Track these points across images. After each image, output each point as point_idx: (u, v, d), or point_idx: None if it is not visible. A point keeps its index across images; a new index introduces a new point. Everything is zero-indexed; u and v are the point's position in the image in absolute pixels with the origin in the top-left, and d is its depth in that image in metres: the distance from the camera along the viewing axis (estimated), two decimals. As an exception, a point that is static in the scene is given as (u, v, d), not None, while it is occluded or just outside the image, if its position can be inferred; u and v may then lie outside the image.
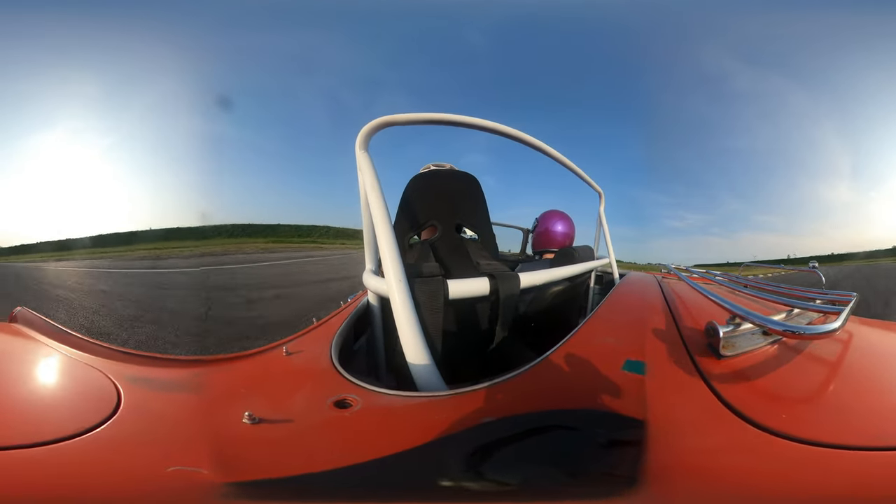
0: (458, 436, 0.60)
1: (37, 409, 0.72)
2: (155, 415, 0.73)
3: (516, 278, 0.98)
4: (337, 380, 0.78)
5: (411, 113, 1.03)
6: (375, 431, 0.64)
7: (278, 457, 0.61)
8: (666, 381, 0.74)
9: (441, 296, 0.88)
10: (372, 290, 1.07)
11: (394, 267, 0.84)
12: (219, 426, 0.67)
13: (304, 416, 0.70)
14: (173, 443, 0.64)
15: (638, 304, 1.41)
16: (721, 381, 0.72)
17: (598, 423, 0.65)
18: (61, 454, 0.58)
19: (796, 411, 0.67)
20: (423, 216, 1.09)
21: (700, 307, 1.32)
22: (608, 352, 0.91)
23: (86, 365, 0.91)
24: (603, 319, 1.15)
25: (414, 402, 0.71)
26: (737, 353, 0.83)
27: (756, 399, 0.69)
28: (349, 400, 0.69)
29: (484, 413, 0.66)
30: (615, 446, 0.62)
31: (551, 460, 0.58)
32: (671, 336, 0.96)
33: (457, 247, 1.07)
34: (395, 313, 0.80)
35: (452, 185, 1.16)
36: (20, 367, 0.95)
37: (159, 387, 0.86)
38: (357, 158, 1.03)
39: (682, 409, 0.66)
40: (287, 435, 0.64)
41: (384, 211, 0.94)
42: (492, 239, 1.13)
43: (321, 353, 0.91)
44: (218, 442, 0.63)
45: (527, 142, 1.27)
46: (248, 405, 0.69)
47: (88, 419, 0.65)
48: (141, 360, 0.99)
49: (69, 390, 0.84)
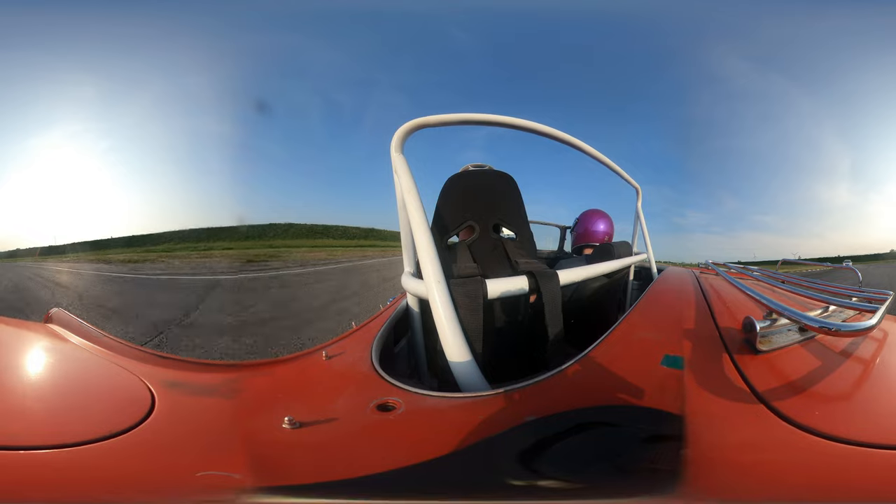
0: (503, 435, 0.60)
1: (69, 411, 0.73)
2: (188, 419, 0.73)
3: (555, 276, 0.98)
4: (378, 383, 0.78)
5: (445, 114, 1.04)
6: (420, 433, 0.64)
7: (320, 461, 0.60)
8: (703, 376, 0.74)
9: (480, 296, 0.88)
10: (411, 293, 1.07)
11: (432, 269, 0.84)
12: (256, 431, 0.67)
13: (347, 419, 0.69)
14: (205, 447, 0.64)
15: (675, 299, 1.40)
16: (757, 377, 0.73)
17: (639, 418, 0.65)
18: (92, 457, 0.58)
19: (830, 409, 0.67)
20: (461, 217, 1.10)
21: (737, 302, 1.31)
22: (647, 347, 0.91)
23: (120, 368, 0.91)
24: (641, 315, 1.15)
25: (457, 402, 0.71)
26: (773, 348, 0.84)
27: (791, 395, 0.69)
28: (392, 403, 0.69)
29: (528, 411, 0.67)
30: (656, 441, 0.62)
31: (596, 457, 0.58)
32: (708, 331, 0.96)
33: (495, 246, 1.07)
34: (434, 315, 0.81)
35: (489, 184, 1.16)
36: (55, 368, 0.96)
37: (194, 391, 0.86)
38: (392, 161, 1.03)
39: (719, 405, 0.67)
40: (329, 439, 0.64)
41: (422, 213, 0.94)
42: (530, 237, 1.13)
43: (362, 357, 0.91)
44: (255, 446, 0.63)
45: (561, 139, 1.27)
46: (287, 410, 0.69)
47: (121, 422, 0.65)
48: (176, 364, 0.99)
49: (102, 393, 0.84)
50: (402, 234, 1.12)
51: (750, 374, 0.73)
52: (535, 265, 1.02)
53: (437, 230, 1.09)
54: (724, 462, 0.57)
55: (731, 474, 0.55)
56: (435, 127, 1.06)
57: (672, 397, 0.68)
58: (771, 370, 0.78)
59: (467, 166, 1.39)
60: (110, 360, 0.97)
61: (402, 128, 1.02)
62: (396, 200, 1.08)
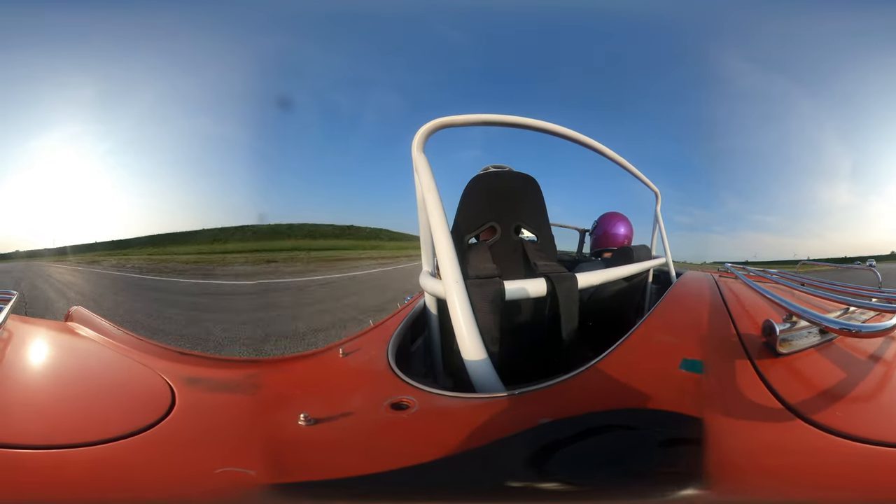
0: (516, 437, 0.60)
1: (92, 408, 0.73)
2: (208, 416, 0.74)
3: (573, 279, 0.98)
4: (394, 381, 0.79)
5: (467, 115, 1.03)
6: (432, 433, 0.64)
7: (334, 458, 0.61)
8: (724, 380, 0.74)
9: (498, 297, 0.88)
10: (429, 292, 1.06)
11: (451, 268, 0.84)
12: (273, 427, 0.68)
13: (361, 417, 0.70)
14: (225, 444, 0.65)
15: (694, 303, 1.39)
16: (778, 379, 0.72)
17: (657, 422, 0.64)
18: (116, 454, 0.59)
19: (854, 410, 0.67)
20: (482, 217, 1.09)
21: (757, 305, 1.30)
22: (666, 350, 0.90)
23: (141, 364, 0.92)
24: (660, 318, 1.15)
25: (471, 403, 0.71)
26: (793, 350, 0.83)
27: (813, 397, 0.69)
28: (406, 402, 0.69)
29: (542, 413, 0.66)
30: (676, 445, 0.61)
31: (611, 460, 0.58)
32: (728, 334, 0.96)
33: (515, 248, 1.07)
34: (451, 314, 0.80)
35: (512, 186, 1.15)
36: (77, 366, 0.97)
37: (214, 387, 0.87)
38: (413, 160, 1.02)
39: (740, 407, 0.66)
40: (342, 436, 0.65)
41: (441, 212, 0.93)
42: (551, 240, 1.13)
43: (378, 355, 0.91)
44: (272, 443, 0.64)
45: (583, 142, 1.26)
46: (303, 406, 0.69)
47: (142, 419, 0.66)
48: (196, 360, 1.00)
49: (124, 389, 0.84)
50: (420, 233, 1.11)
51: (771, 377, 0.73)
52: (555, 268, 1.02)
53: (458, 230, 1.10)
54: (749, 465, 0.57)
55: (755, 477, 0.55)
56: (457, 127, 1.05)
57: (691, 401, 0.68)
58: (792, 372, 0.77)
59: (488, 167, 1.37)
60: (130, 356, 0.98)
61: (425, 127, 1.01)
62: (416, 200, 1.08)
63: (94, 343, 1.08)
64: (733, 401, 0.68)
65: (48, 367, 0.97)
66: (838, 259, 20.68)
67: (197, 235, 35.56)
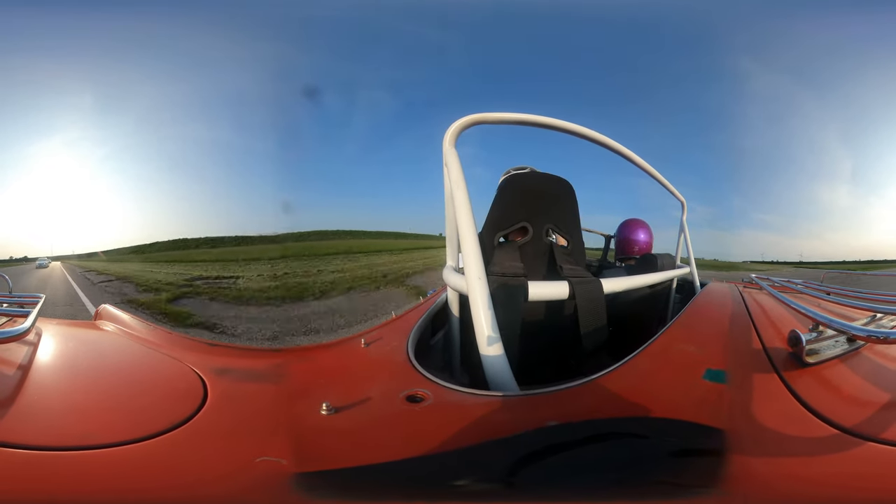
0: (522, 436, 0.60)
1: (130, 406, 0.74)
2: (240, 406, 0.75)
3: (598, 284, 0.97)
4: (411, 374, 0.79)
5: (504, 112, 1.02)
6: (441, 427, 0.65)
7: (352, 447, 0.62)
8: (749, 390, 0.73)
9: (520, 296, 0.88)
10: (451, 287, 1.06)
11: (475, 264, 0.83)
12: (298, 416, 0.69)
13: (376, 407, 0.71)
14: (259, 433, 0.66)
15: (718, 313, 1.37)
16: (806, 389, 0.71)
17: (673, 431, 0.63)
18: (155, 450, 0.59)
19: (886, 416, 0.65)
20: (515, 217, 1.09)
21: (782, 316, 1.28)
22: (688, 360, 0.89)
23: (171, 358, 0.92)
24: (683, 328, 1.13)
25: (483, 400, 0.71)
26: (821, 360, 0.81)
27: (843, 405, 0.68)
28: (421, 394, 0.70)
29: (550, 416, 0.66)
30: (693, 455, 0.61)
31: (609, 468, 0.57)
32: (753, 345, 0.95)
33: (544, 251, 1.07)
34: (473, 311, 0.80)
35: (548, 188, 1.15)
36: (110, 365, 0.97)
37: (243, 377, 0.88)
38: (444, 154, 1.01)
39: (766, 418, 0.65)
40: (360, 426, 0.66)
41: (468, 208, 0.93)
42: (580, 245, 1.13)
43: (398, 347, 0.92)
44: (298, 432, 0.65)
45: (614, 148, 1.26)
46: (325, 395, 0.70)
47: (179, 413, 0.66)
48: (223, 350, 1.01)
49: (158, 384, 0.85)
50: (447, 228, 1.11)
51: (798, 387, 0.72)
52: (580, 272, 1.02)
53: (488, 227, 1.10)
54: (779, 474, 0.56)
55: (786, 486, 0.55)
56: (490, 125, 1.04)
57: (714, 411, 0.67)
58: (820, 382, 0.76)
59: (509, 170, 1.37)
60: (161, 351, 0.98)
61: (457, 122, 1.00)
62: (444, 194, 1.08)
63: (125, 340, 1.09)
64: (759, 411, 0.67)
65: (81, 367, 0.97)
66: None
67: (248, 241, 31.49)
